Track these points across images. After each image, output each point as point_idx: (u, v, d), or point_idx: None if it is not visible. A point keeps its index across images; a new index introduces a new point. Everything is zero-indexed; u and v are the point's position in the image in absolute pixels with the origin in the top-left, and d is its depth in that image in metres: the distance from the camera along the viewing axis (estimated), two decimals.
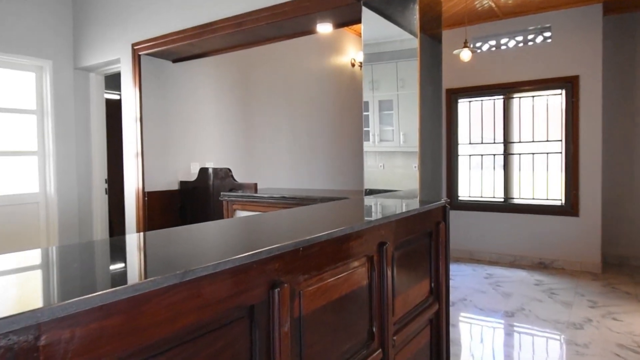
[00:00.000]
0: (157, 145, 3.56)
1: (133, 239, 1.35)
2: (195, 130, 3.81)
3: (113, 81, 4.17)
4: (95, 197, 3.92)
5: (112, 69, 3.75)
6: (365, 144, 2.77)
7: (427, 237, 2.26)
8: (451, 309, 3.76)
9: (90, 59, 3.71)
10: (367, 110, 2.79)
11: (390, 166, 2.77)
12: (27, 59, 3.52)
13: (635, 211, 5.02)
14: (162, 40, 3.13)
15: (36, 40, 3.57)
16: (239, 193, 2.92)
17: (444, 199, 2.44)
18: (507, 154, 5.33)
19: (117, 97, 4.55)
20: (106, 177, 4.02)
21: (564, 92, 4.93)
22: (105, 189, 3.99)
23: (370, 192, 2.61)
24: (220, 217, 3.01)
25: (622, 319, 3.50)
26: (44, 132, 3.66)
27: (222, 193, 2.97)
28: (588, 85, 4.77)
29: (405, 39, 2.50)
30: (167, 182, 3.58)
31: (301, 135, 5.00)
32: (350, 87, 5.76)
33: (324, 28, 2.73)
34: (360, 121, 2.82)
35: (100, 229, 3.87)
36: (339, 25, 2.72)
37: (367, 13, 2.46)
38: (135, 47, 3.32)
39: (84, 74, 3.90)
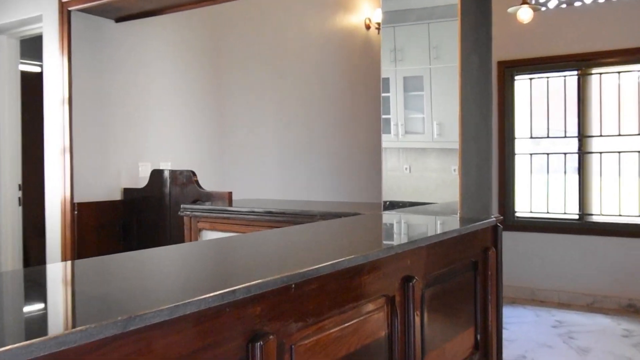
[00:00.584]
0: (92, 137, 3.55)
1: (57, 271, 1.36)
2: (146, 117, 3.81)
3: (32, 47, 4.17)
4: (4, 210, 3.91)
5: (31, 29, 3.76)
6: (384, 137, 2.76)
7: (470, 268, 2.26)
8: None
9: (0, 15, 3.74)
10: (388, 91, 2.79)
11: (420, 168, 2.78)
12: None
13: None
14: None
15: None
16: (207, 206, 2.92)
17: (494, 216, 2.45)
18: (583, 153, 5.34)
19: (37, 69, 4.56)
20: (20, 182, 4.00)
21: None
22: (19, 198, 3.97)
23: (392, 205, 2.61)
24: (181, 239, 3.00)
25: None
26: None
27: (182, 206, 2.96)
28: None
29: None
30: (106, 189, 3.56)
31: (295, 126, 5.00)
32: (364, 58, 5.77)
33: None
34: (378, 106, 2.82)
35: (11, 255, 3.86)
36: None
37: None
38: (64, 0, 3.34)
39: None
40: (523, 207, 5.64)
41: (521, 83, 5.61)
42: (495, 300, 2.39)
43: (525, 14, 4.06)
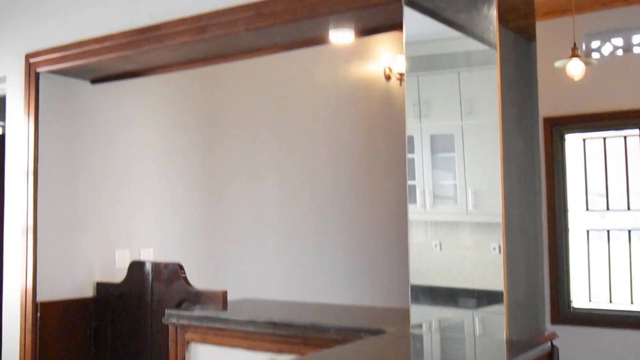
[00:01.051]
0: (60, 217, 3.53)
1: None
2: (126, 194, 3.80)
3: None
4: None
5: None
6: (410, 208, 2.71)
7: None
8: None
9: None
10: (412, 152, 2.77)
11: (452, 246, 2.72)
12: None
13: None
14: (75, 51, 3.20)
15: None
16: (196, 313, 2.87)
17: (551, 332, 2.41)
18: None
19: None
20: None
21: None
22: None
23: (419, 293, 2.56)
24: (165, 350, 2.94)
25: None
26: None
27: (167, 311, 2.91)
28: None
29: (471, 39, 2.54)
30: (75, 283, 3.52)
31: (302, 204, 4.97)
32: (384, 114, 5.81)
33: (342, 36, 2.81)
34: (402, 170, 2.79)
35: None
36: (365, 32, 2.81)
37: (410, 14, 2.53)
38: (31, 60, 3.38)
39: None
40: (581, 296, 5.58)
41: (573, 143, 5.64)
42: None
43: (576, 69, 4.10)
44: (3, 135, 3.77)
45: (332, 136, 5.33)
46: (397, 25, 2.67)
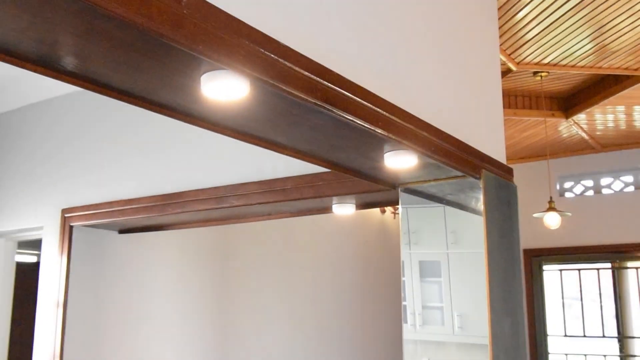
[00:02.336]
0: (86, 346, 3.46)
1: None
2: (145, 329, 3.73)
3: (30, 241, 4.23)
4: None
5: (30, 235, 3.83)
6: (404, 327, 2.66)
7: None
8: None
9: (1, 224, 3.83)
10: (403, 275, 2.75)
11: None
12: None
13: None
14: (106, 210, 3.21)
15: None
16: None
17: None
18: (625, 356, 5.16)
19: (33, 259, 4.59)
20: None
21: None
22: None
23: None
24: None
25: None
26: None
27: None
28: None
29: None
30: None
31: (307, 333, 4.86)
32: (379, 241, 5.79)
33: (344, 210, 2.81)
34: (397, 293, 2.76)
35: None
36: (365, 206, 2.82)
37: (405, 197, 2.54)
38: (66, 215, 3.40)
39: None
40: None
41: (550, 274, 5.59)
42: None
43: (552, 220, 4.10)
44: (38, 263, 3.77)
45: (334, 263, 5.28)
46: (393, 202, 2.68)
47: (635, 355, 5.21)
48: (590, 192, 5.49)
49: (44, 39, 1.17)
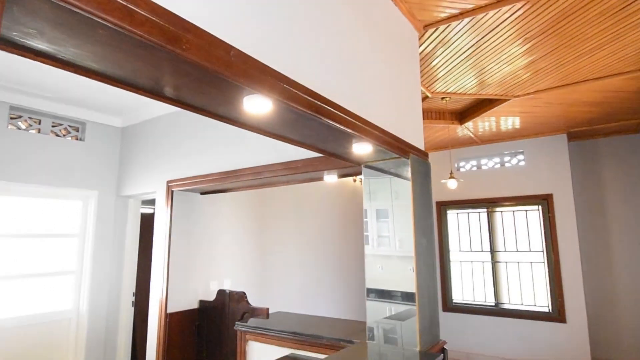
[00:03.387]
0: (182, 260, 3.48)
1: None
2: (217, 251, 3.75)
3: (149, 200, 4.24)
4: (122, 309, 3.77)
5: (149, 196, 3.83)
6: (366, 247, 2.71)
7: None
8: None
9: (131, 190, 3.81)
10: (366, 217, 2.76)
11: (388, 268, 2.67)
12: (77, 190, 3.63)
13: (619, 315, 4.73)
14: (192, 181, 3.21)
15: (86, 176, 3.71)
16: (252, 324, 2.77)
17: (442, 341, 2.29)
18: (494, 262, 5.18)
19: (151, 211, 4.58)
20: (134, 290, 3.90)
21: (540, 208, 4.92)
22: (133, 301, 3.85)
23: (373, 292, 2.48)
24: (235, 342, 2.83)
25: None
26: (83, 253, 3.63)
27: (236, 323, 2.81)
28: (561, 202, 4.77)
29: (400, 163, 2.50)
30: (188, 300, 3.43)
31: (311, 250, 4.89)
32: (353, 198, 5.79)
33: (330, 179, 2.80)
34: (361, 226, 2.78)
35: (123, 343, 3.67)
36: (343, 176, 2.79)
37: (366, 171, 2.52)
38: (170, 184, 3.41)
39: (124, 200, 3.97)
40: (457, 296, 5.39)
41: (452, 215, 5.58)
42: None
43: (452, 184, 4.09)
44: (153, 214, 3.78)
45: (327, 214, 5.29)
46: (359, 173, 2.66)
47: (499, 261, 5.21)
48: (475, 168, 5.45)
49: (152, 77, 1.16)
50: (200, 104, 1.42)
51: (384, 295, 2.50)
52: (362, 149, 1.98)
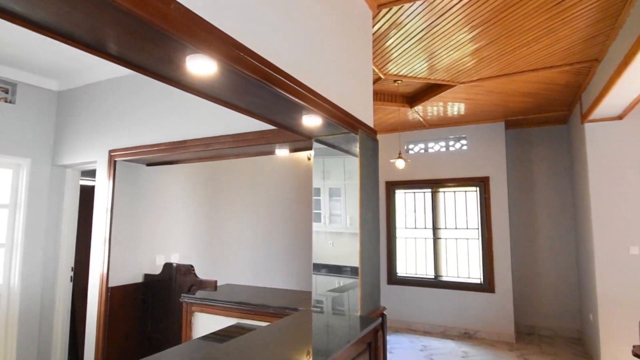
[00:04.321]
0: (125, 235, 3.32)
1: None
2: (164, 225, 3.62)
3: (89, 171, 3.97)
4: (59, 284, 3.54)
5: (89, 166, 3.58)
6: (317, 224, 2.75)
7: (367, 348, 2.18)
8: None
9: (68, 159, 3.54)
10: (319, 195, 2.79)
11: (339, 244, 2.74)
12: (7, 157, 3.30)
13: (540, 286, 5.23)
14: (137, 151, 3.04)
15: (17, 142, 3.38)
16: (198, 296, 2.73)
17: (382, 307, 2.40)
18: (435, 239, 5.48)
19: (92, 183, 4.30)
20: (73, 265, 3.68)
21: (478, 189, 5.24)
22: (71, 276, 3.63)
23: (322, 267, 2.54)
24: (181, 316, 2.78)
25: None
26: (14, 225, 3.35)
27: (182, 295, 2.76)
28: (497, 184, 5.11)
29: (351, 143, 2.54)
30: (132, 274, 3.30)
31: (262, 225, 4.86)
32: (306, 177, 5.80)
33: (282, 152, 2.78)
34: (314, 206, 2.80)
35: (61, 318, 3.47)
36: (294, 150, 2.78)
37: (316, 145, 2.53)
38: (112, 154, 3.20)
39: (61, 170, 3.69)
40: (402, 269, 5.66)
41: (399, 195, 5.78)
42: None
43: (400, 164, 4.23)
44: (94, 187, 3.57)
45: (281, 189, 5.26)
46: (310, 148, 2.66)
47: (440, 238, 5.50)
48: (422, 151, 5.65)
49: (86, 27, 1.06)
50: (140, 62, 1.33)
51: (334, 270, 2.56)
52: (312, 121, 1.97)
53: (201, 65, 1.27)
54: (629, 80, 2.93)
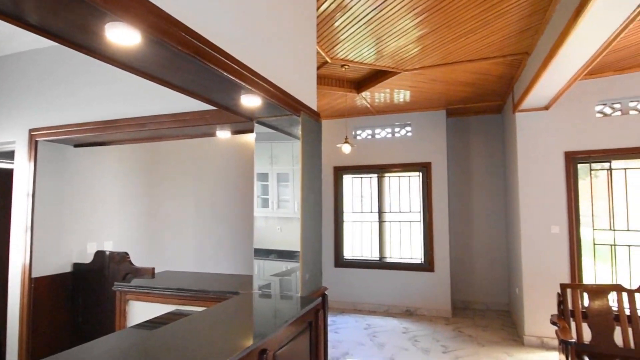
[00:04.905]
0: (50, 222, 3.07)
1: None
2: (96, 211, 3.39)
3: (7, 152, 3.59)
4: None
5: (7, 147, 3.24)
6: (265, 210, 2.72)
7: (307, 327, 2.22)
8: None
9: None
10: (267, 181, 2.76)
11: (287, 229, 2.75)
12: None
13: (473, 265, 5.64)
14: (62, 130, 2.80)
15: None
16: (133, 283, 2.61)
17: (323, 287, 2.46)
18: (381, 222, 5.67)
19: (10, 166, 3.91)
20: None
21: (421, 174, 5.49)
22: None
23: (264, 250, 2.53)
24: (114, 306, 2.64)
25: None
26: None
27: (115, 283, 2.63)
28: (438, 170, 5.38)
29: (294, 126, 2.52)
30: (60, 263, 3.07)
31: (205, 209, 4.71)
32: (251, 161, 5.70)
33: (223, 135, 2.70)
34: (262, 191, 2.76)
35: None
36: (236, 133, 2.71)
37: (258, 127, 2.49)
38: (33, 133, 2.92)
39: None
40: (348, 252, 5.82)
41: (347, 180, 5.89)
42: (323, 342, 2.37)
43: (346, 149, 4.29)
44: (12, 170, 3.25)
45: (223, 174, 5.11)
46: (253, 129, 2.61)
47: (385, 221, 5.69)
48: (370, 137, 5.78)
49: None
50: (57, 30, 1.21)
51: (283, 255, 2.56)
52: (251, 101, 1.93)
53: (123, 35, 1.18)
54: (553, 73, 3.18)
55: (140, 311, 2.56)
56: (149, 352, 1.38)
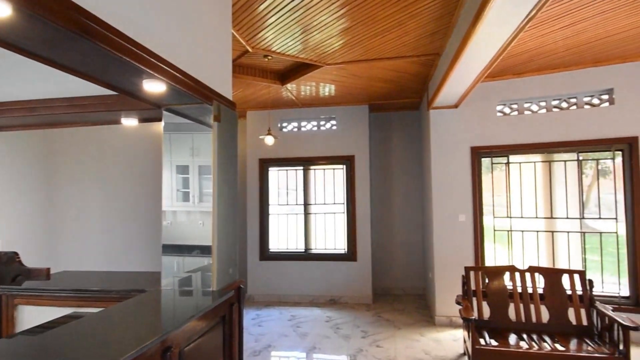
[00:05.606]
0: None
1: None
2: None
3: None
4: None
5: None
6: (186, 204, 2.61)
7: (220, 321, 2.20)
8: (257, 359, 3.75)
9: None
10: (188, 174, 2.65)
11: (210, 224, 2.67)
12: None
13: (393, 253, 6.01)
14: None
15: None
16: (23, 286, 2.35)
17: (238, 280, 2.45)
18: (306, 214, 5.78)
19: None
20: None
21: (345, 167, 5.68)
22: None
23: (178, 246, 2.44)
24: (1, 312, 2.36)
25: (383, 345, 4.05)
26: None
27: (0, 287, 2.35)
28: (361, 163, 5.62)
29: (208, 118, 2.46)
30: None
31: (115, 205, 4.36)
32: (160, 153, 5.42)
33: (130, 122, 2.53)
34: (182, 184, 2.63)
35: None
36: (144, 121, 2.56)
37: (166, 114, 2.38)
38: None
39: None
40: (274, 245, 5.84)
41: (272, 172, 5.89)
42: (237, 336, 2.36)
43: (269, 141, 4.28)
44: None
45: (128, 166, 4.78)
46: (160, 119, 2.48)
47: (310, 213, 5.80)
48: (296, 129, 5.82)
49: None
50: None
51: (205, 250, 2.48)
52: (155, 87, 1.83)
53: None
54: (459, 73, 3.49)
55: (32, 316, 2.32)
56: (34, 358, 1.26)
